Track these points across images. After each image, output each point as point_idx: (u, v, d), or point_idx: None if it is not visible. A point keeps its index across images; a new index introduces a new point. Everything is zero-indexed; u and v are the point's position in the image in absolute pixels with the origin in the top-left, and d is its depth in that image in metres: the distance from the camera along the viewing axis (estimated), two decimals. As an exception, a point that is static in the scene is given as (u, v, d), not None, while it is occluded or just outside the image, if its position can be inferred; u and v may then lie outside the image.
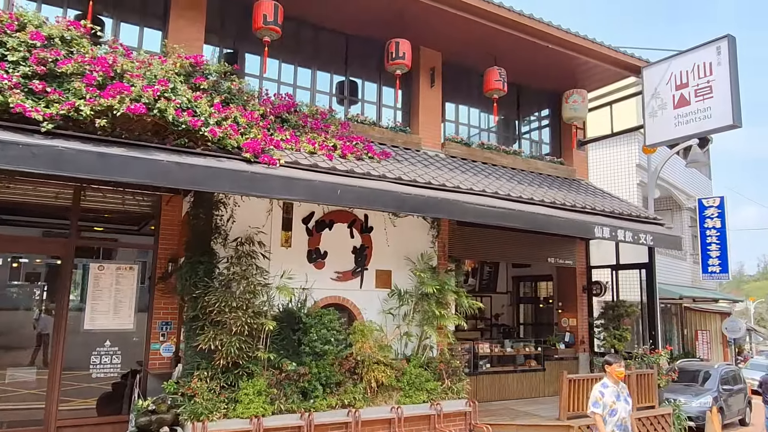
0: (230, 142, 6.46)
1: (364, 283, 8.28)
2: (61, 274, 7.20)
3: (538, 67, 10.98)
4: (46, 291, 7.92)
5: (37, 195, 7.17)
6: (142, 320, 7.62)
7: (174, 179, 5.74)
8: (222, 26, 8.89)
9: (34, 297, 7.71)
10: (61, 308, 7.11)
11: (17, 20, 5.88)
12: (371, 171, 7.56)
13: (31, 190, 7.07)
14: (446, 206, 7.47)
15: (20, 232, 7.29)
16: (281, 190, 6.32)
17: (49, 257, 7.66)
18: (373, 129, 9.57)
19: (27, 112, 5.28)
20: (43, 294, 7.83)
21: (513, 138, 12.04)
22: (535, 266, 13.11)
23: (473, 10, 9.08)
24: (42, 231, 7.50)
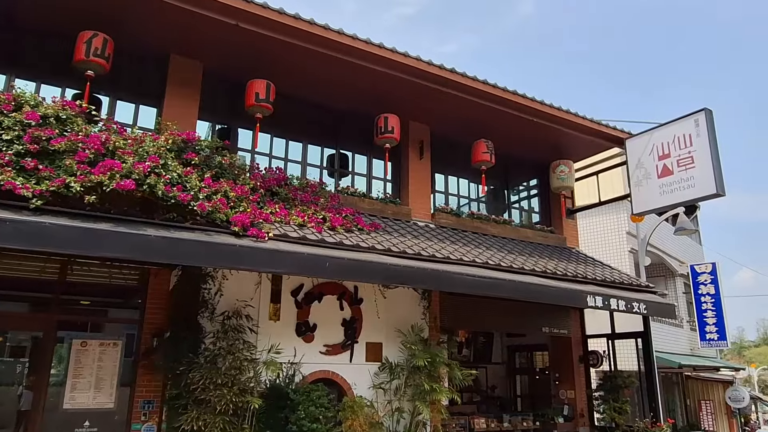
0: (219, 216, 6.51)
1: (354, 356, 8.11)
2: (43, 350, 7.02)
3: (524, 139, 11.28)
4: (28, 367, 7.68)
5: (22, 269, 7.10)
6: (124, 398, 7.35)
7: (161, 254, 5.73)
8: (215, 103, 9.15)
9: (16, 373, 7.48)
10: (40, 385, 6.88)
11: (14, 101, 6.06)
12: (360, 243, 7.58)
13: (16, 264, 7.01)
14: (435, 277, 7.44)
15: (2, 306, 7.15)
16: (269, 263, 6.31)
17: (33, 332, 7.49)
18: (363, 201, 9.68)
19: (17, 189, 5.34)
20: (25, 370, 7.59)
21: (502, 207, 12.19)
22: (530, 335, 12.89)
23: (460, 88, 9.42)
24: (26, 305, 7.36)
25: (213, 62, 8.67)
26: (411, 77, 9.02)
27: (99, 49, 7.27)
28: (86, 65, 7.24)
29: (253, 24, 7.73)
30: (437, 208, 10.69)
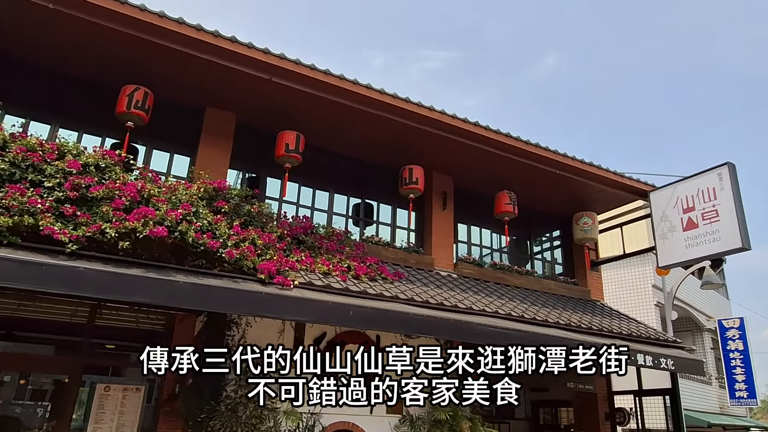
0: (247, 263, 6.64)
1: (374, 408, 7.97)
2: (66, 394, 7.08)
3: (547, 191, 11.34)
4: (50, 411, 7.73)
5: (52, 312, 7.26)
6: (144, 445, 7.33)
7: (190, 300, 5.85)
8: (246, 152, 9.45)
9: (37, 416, 7.51)
10: (62, 430, 6.90)
11: (57, 150, 6.36)
12: (384, 292, 7.62)
13: (48, 307, 7.18)
14: (457, 328, 7.40)
15: (31, 349, 7.29)
16: (294, 311, 6.37)
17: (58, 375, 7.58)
18: (387, 250, 9.76)
19: (55, 234, 5.55)
20: (46, 414, 7.64)
21: (525, 258, 12.15)
22: (554, 391, 12.54)
23: (483, 140, 9.61)
24: (53, 348, 7.48)
25: (246, 114, 9.02)
26: (436, 130, 9.25)
27: (140, 101, 7.65)
28: (127, 117, 7.61)
29: (286, 79, 8.07)
30: (460, 257, 10.70)
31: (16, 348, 7.32)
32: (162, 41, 7.32)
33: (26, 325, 7.31)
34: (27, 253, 5.33)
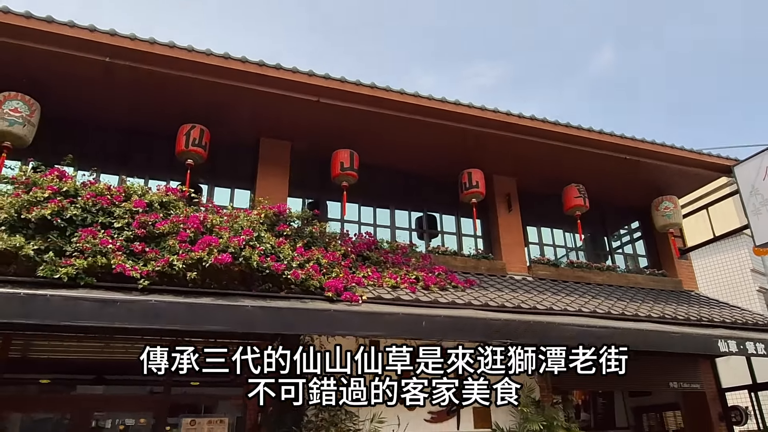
0: (313, 283, 6.56)
1: (461, 422, 7.61)
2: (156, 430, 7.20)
3: (619, 180, 10.70)
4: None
5: (133, 352, 7.43)
6: (234, 478, 7.30)
7: (258, 324, 5.80)
8: (304, 179, 9.54)
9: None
10: (156, 469, 6.99)
11: (124, 192, 6.61)
12: (456, 300, 7.32)
13: (129, 347, 7.37)
14: (540, 330, 6.94)
15: (118, 391, 7.48)
16: (364, 326, 6.19)
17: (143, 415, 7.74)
18: (455, 259, 9.45)
19: (127, 271, 5.70)
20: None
21: (603, 255, 11.44)
22: (656, 394, 11.58)
23: (547, 135, 9.25)
24: (137, 389, 7.64)
25: (300, 141, 9.12)
26: (499, 131, 9.03)
27: (197, 139, 7.89)
28: (186, 155, 7.85)
29: (333, 98, 8.10)
30: (533, 260, 10.21)
31: (105, 390, 7.54)
32: (211, 78, 7.56)
33: (110, 367, 7.53)
34: (103, 292, 5.50)
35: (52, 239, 5.76)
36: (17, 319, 5.05)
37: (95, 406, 7.27)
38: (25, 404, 7.45)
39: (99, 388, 7.51)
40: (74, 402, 7.21)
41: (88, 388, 7.52)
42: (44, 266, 5.54)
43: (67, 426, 7.22)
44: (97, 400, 7.28)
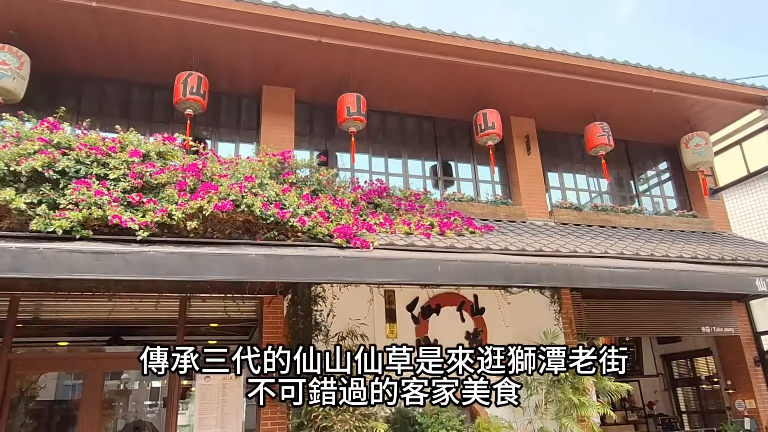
0: (321, 230, 6.21)
1: (484, 373, 7.32)
2: (170, 388, 7.07)
3: (646, 117, 10.06)
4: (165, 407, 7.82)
5: (144, 310, 7.29)
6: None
7: (263, 272, 5.48)
8: (311, 130, 9.15)
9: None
10: (170, 422, 6.89)
11: (119, 143, 6.28)
12: (474, 245, 6.91)
13: (139, 306, 7.21)
14: (563, 273, 6.53)
15: (133, 350, 7.35)
16: (376, 272, 5.84)
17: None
18: (472, 205, 9.03)
19: (123, 222, 5.40)
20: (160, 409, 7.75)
21: (629, 197, 10.88)
22: (687, 340, 11.22)
23: (567, 69, 8.66)
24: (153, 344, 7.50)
25: (304, 87, 8.67)
26: (513, 66, 8.44)
27: (194, 87, 7.49)
28: (184, 105, 7.48)
29: (336, 37, 7.61)
30: (555, 204, 9.73)
31: (116, 349, 7.43)
32: (206, 20, 7.13)
33: (123, 326, 7.40)
34: (99, 245, 5.23)
35: (45, 192, 5.48)
36: (9, 273, 4.80)
37: (107, 366, 7.17)
38: (39, 365, 7.39)
39: (111, 347, 7.40)
40: (87, 361, 7.10)
41: (101, 347, 7.42)
42: (37, 220, 5.27)
43: (81, 386, 7.15)
44: (109, 358, 7.17)
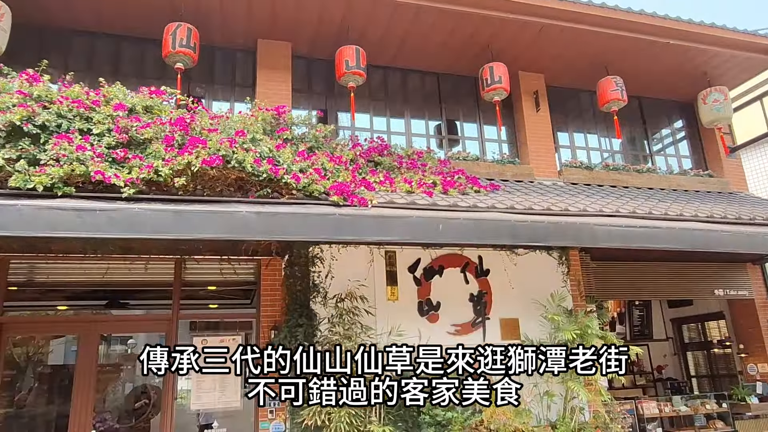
0: (317, 188, 5.92)
1: (487, 335, 7.11)
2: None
3: (660, 71, 9.55)
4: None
5: (139, 272, 7.10)
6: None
7: (254, 231, 5.22)
8: (310, 88, 8.77)
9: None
10: (167, 387, 6.76)
11: (104, 97, 5.96)
12: (478, 203, 6.61)
13: (133, 267, 7.01)
14: (572, 232, 6.23)
15: (125, 312, 7.19)
16: (374, 231, 5.56)
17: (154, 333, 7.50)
18: (478, 165, 8.66)
19: (107, 178, 5.13)
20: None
21: (642, 157, 10.45)
22: (699, 304, 10.94)
23: (577, 18, 8.14)
24: (147, 308, 7.35)
25: (302, 41, 8.26)
26: (521, 16, 7.95)
27: (184, 39, 7.11)
28: (174, 58, 7.11)
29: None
30: (564, 163, 9.34)
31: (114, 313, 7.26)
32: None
33: (118, 289, 7.22)
34: (82, 202, 4.97)
35: (24, 147, 5.20)
36: (-14, 231, 4.59)
37: (102, 329, 7.01)
38: (32, 328, 7.25)
39: (105, 310, 7.23)
40: (81, 324, 6.93)
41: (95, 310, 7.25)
42: (16, 176, 5.00)
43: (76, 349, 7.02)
44: (103, 321, 7.00)
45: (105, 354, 10.94)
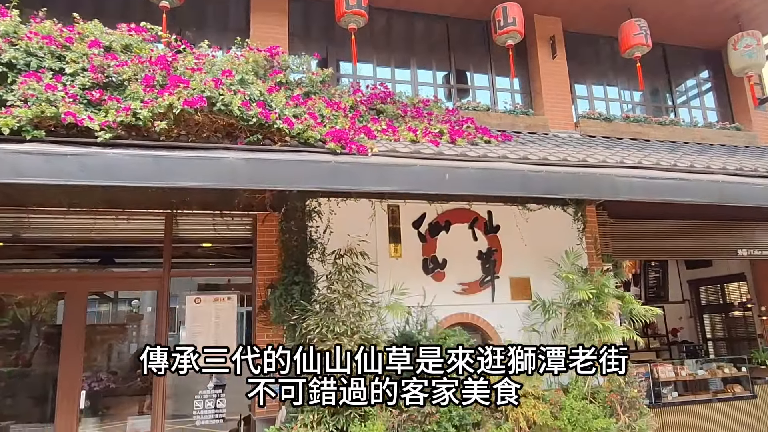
0: (312, 134, 5.42)
1: (496, 294, 6.69)
2: (159, 309, 6.58)
3: (688, 14, 8.82)
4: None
5: (127, 228, 6.72)
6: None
7: (244, 179, 4.77)
8: (308, 33, 8.17)
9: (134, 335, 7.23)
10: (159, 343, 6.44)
11: (79, 34, 5.44)
12: (489, 153, 6.09)
13: (121, 222, 6.62)
14: (591, 183, 5.72)
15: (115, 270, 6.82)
16: (373, 180, 5.10)
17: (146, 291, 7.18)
18: (488, 115, 8.10)
19: (79, 121, 4.67)
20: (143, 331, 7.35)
21: (665, 109, 9.81)
22: (718, 265, 10.46)
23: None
24: (138, 265, 6.97)
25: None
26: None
27: (167, -27, 6.52)
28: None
29: None
30: (581, 115, 8.74)
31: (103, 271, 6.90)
32: None
33: (106, 246, 6.85)
34: (52, 146, 4.52)
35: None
36: (-56, 176, 4.17)
37: (90, 286, 6.67)
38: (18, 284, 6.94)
39: (94, 266, 6.87)
40: (68, 281, 6.58)
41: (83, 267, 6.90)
42: (-21, 118, 4.56)
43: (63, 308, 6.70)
44: (92, 278, 6.65)
45: (113, 314, 10.77)
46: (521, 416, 5.73)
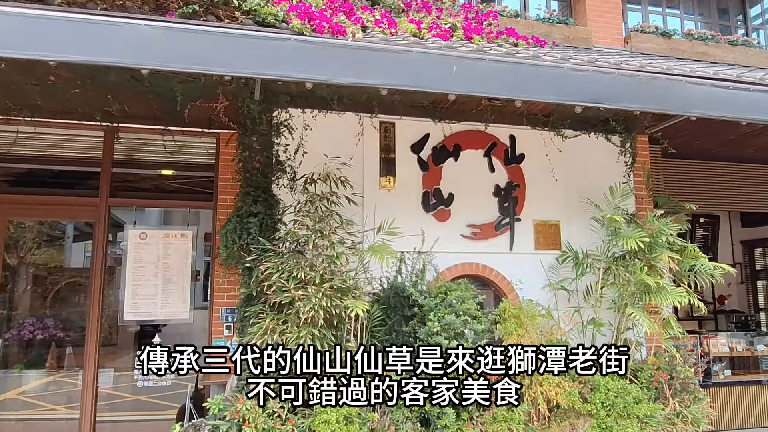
0: (272, 11, 3.96)
1: (515, 242, 5.27)
2: (94, 246, 5.32)
3: None
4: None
5: (56, 145, 5.42)
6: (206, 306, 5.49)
7: (164, 56, 3.34)
8: None
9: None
10: (93, 291, 5.21)
11: None
12: (518, 54, 4.55)
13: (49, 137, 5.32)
14: (655, 89, 4.18)
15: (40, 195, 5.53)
16: (349, 69, 3.64)
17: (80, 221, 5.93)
18: (517, 23, 6.46)
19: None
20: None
21: (735, 28, 8.03)
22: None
23: None
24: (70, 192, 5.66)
25: None
26: None
27: None
28: None
29: None
30: (632, 28, 7.05)
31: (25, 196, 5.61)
32: None
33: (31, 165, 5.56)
34: None
35: None
36: None
37: (9, 213, 5.41)
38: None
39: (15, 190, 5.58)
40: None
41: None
42: None
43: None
44: (11, 203, 5.38)
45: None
46: (540, 396, 4.42)
